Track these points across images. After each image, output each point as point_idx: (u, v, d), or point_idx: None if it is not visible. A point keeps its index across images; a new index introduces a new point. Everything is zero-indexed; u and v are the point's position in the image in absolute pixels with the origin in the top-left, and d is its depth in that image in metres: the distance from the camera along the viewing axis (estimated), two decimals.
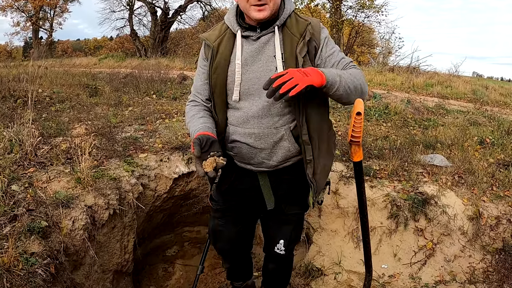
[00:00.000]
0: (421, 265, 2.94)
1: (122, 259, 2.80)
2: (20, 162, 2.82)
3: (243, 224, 2.23)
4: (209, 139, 1.65)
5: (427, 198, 3.15)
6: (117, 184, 2.81)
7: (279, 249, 2.17)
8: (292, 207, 2.08)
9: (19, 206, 2.26)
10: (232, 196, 2.09)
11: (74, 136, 3.72)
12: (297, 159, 1.89)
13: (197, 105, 1.92)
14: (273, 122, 1.79)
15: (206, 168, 1.57)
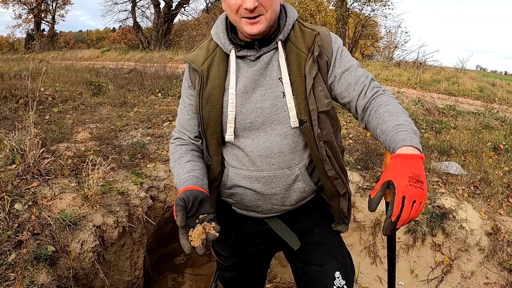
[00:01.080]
0: (438, 282, 2.84)
1: (132, 277, 2.69)
2: (22, 176, 2.69)
3: (262, 271, 2.00)
4: (198, 196, 1.29)
5: (445, 212, 3.04)
6: (125, 199, 2.69)
7: (340, 286, 1.54)
8: (324, 227, 1.66)
9: (23, 230, 2.13)
10: (243, 248, 1.73)
11: (78, 141, 3.60)
12: (313, 196, 1.63)
13: (184, 144, 1.55)
14: (285, 161, 1.46)
15: (194, 241, 1.19)
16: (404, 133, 1.25)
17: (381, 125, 1.35)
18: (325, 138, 1.44)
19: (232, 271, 1.88)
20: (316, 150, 1.44)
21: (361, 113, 1.46)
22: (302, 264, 1.66)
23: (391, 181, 1.12)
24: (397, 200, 1.09)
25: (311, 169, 1.54)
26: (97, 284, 2.29)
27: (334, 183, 1.52)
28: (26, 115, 4.13)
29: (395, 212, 1.10)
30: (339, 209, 1.59)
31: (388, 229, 1.12)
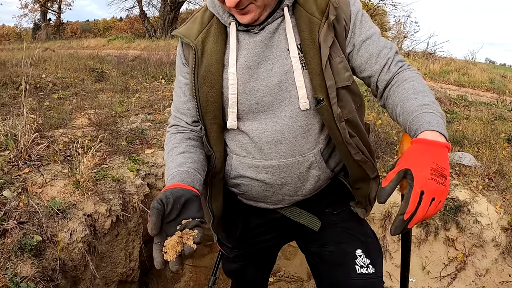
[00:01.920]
0: (451, 279, 2.65)
1: (127, 268, 2.53)
2: (14, 162, 2.53)
3: (270, 261, 1.81)
4: (181, 196, 1.05)
5: (459, 205, 2.84)
6: (120, 187, 2.52)
7: (364, 265, 1.32)
8: (337, 205, 1.44)
9: (9, 218, 1.97)
10: (250, 238, 1.54)
11: (76, 127, 3.44)
12: (328, 182, 1.42)
13: (180, 132, 1.32)
14: (298, 147, 1.24)
15: (168, 253, 0.95)
16: (429, 115, 1.06)
17: (403, 103, 1.14)
18: (346, 117, 1.21)
19: (238, 262, 1.70)
20: (337, 132, 1.21)
21: (382, 90, 1.25)
22: (317, 248, 1.44)
23: (409, 170, 0.93)
24: (414, 195, 0.91)
25: (328, 154, 1.32)
26: (87, 276, 2.13)
27: (363, 167, 1.30)
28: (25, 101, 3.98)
29: (410, 209, 0.91)
30: (367, 193, 1.37)
31: (398, 228, 0.94)
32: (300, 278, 3.00)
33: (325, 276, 1.42)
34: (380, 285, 1.35)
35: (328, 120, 1.20)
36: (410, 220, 0.92)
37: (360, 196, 1.40)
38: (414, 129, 1.05)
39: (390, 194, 0.96)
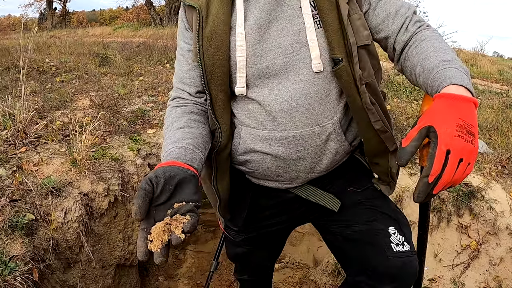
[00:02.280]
0: (464, 268, 2.51)
1: (126, 252, 2.41)
2: (11, 141, 2.41)
3: (279, 246, 1.66)
4: (174, 176, 0.90)
5: (473, 191, 2.70)
6: (119, 166, 2.39)
7: (399, 243, 1.21)
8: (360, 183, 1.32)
9: (2, 196, 1.85)
10: (259, 221, 1.41)
11: (77, 109, 3.32)
12: (345, 158, 1.29)
13: (181, 105, 1.19)
14: (315, 116, 1.11)
15: (153, 243, 0.82)
16: (452, 70, 0.95)
17: (423, 62, 1.02)
18: (366, 80, 1.09)
19: (244, 247, 1.55)
20: (358, 97, 1.09)
21: (399, 52, 1.13)
22: (341, 228, 1.30)
23: (432, 127, 0.83)
24: (440, 154, 0.80)
25: (346, 125, 1.20)
26: (83, 258, 2.01)
27: (382, 138, 1.16)
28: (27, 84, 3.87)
29: (435, 170, 0.81)
30: (387, 168, 1.24)
31: (422, 193, 0.83)
32: (306, 265, 2.87)
33: (355, 257, 1.28)
34: (416, 263, 1.23)
35: (347, 83, 1.08)
36: (435, 184, 0.82)
37: (380, 173, 1.28)
38: (436, 85, 0.95)
39: (411, 155, 0.85)
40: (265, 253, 1.63)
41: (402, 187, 2.61)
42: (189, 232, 0.83)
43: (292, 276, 2.79)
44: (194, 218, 0.84)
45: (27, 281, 1.52)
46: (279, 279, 2.78)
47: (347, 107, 1.17)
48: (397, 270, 1.19)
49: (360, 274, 1.26)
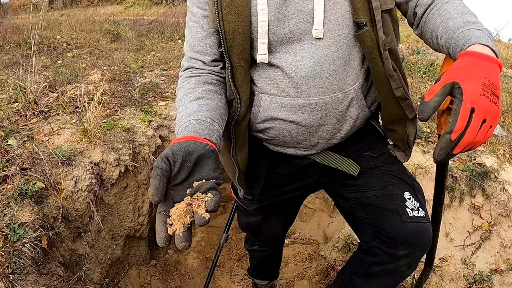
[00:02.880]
0: (475, 249, 2.44)
1: (136, 223, 2.38)
2: (22, 112, 2.36)
3: (292, 214, 1.61)
4: (193, 152, 0.81)
5: (486, 171, 2.61)
6: (130, 136, 2.33)
7: (414, 208, 1.19)
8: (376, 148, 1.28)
9: (12, 165, 1.81)
10: (274, 189, 1.36)
11: (89, 82, 3.26)
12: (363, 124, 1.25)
13: (195, 76, 1.09)
14: (338, 82, 1.07)
15: (173, 225, 0.73)
16: (477, 31, 0.92)
17: (446, 23, 0.98)
18: (389, 45, 1.05)
19: (257, 216, 1.51)
20: (380, 63, 1.04)
21: (421, 15, 1.08)
22: (355, 193, 1.27)
23: (457, 83, 0.79)
24: (464, 111, 0.77)
25: (367, 90, 1.15)
26: (93, 228, 1.98)
27: (402, 105, 1.12)
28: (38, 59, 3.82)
29: (459, 127, 0.77)
30: (405, 136, 1.20)
31: (444, 151, 0.80)
32: (315, 241, 2.82)
33: (369, 222, 1.25)
34: (430, 230, 1.21)
35: (370, 49, 1.03)
36: (457, 143, 0.79)
37: (396, 140, 1.24)
38: (460, 44, 0.91)
39: (434, 110, 0.81)
40: (277, 222, 1.59)
41: (415, 165, 2.53)
42: (213, 211, 0.74)
43: (302, 252, 2.75)
44: (216, 196, 0.76)
45: (35, 248, 1.49)
46: (289, 254, 2.74)
47: (367, 72, 1.13)
48: (412, 236, 1.16)
49: (374, 239, 1.24)
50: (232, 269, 2.75)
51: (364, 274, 1.32)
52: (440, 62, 4.66)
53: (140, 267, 2.51)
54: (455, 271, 2.28)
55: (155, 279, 2.54)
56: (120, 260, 2.28)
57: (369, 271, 1.30)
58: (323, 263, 2.50)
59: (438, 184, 1.37)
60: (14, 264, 1.40)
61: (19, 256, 1.42)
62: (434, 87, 0.82)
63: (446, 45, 0.98)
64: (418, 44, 6.71)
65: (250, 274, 2.06)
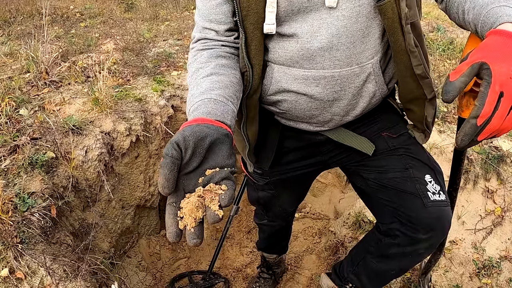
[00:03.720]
0: (486, 234, 2.37)
1: (146, 193, 2.35)
2: (34, 82, 2.31)
3: (303, 189, 1.56)
4: (206, 136, 0.73)
5: (502, 155, 2.50)
6: (142, 106, 2.27)
7: (435, 192, 1.14)
8: (395, 128, 1.22)
9: (23, 135, 1.77)
10: (285, 164, 1.30)
11: (101, 52, 3.18)
12: (380, 102, 1.17)
13: (207, 48, 1.01)
14: (355, 55, 0.99)
15: (185, 220, 0.66)
16: (509, 9, 0.83)
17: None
18: (411, 19, 0.96)
19: (267, 190, 1.46)
20: (401, 38, 0.96)
21: None
22: (374, 174, 1.22)
23: (486, 63, 0.71)
24: (492, 94, 0.69)
25: (385, 66, 1.07)
26: (103, 197, 1.95)
27: (421, 84, 1.04)
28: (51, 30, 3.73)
29: (486, 112, 0.70)
30: (422, 116, 1.13)
31: (467, 136, 0.73)
32: (326, 216, 2.77)
33: (389, 204, 1.20)
34: (451, 214, 1.18)
35: (392, 21, 0.95)
36: (482, 128, 0.72)
37: (414, 120, 1.18)
38: (490, 22, 0.84)
39: (459, 91, 0.73)
40: (287, 198, 1.53)
41: (430, 144, 2.44)
42: (227, 206, 0.67)
43: (312, 226, 2.71)
44: (231, 188, 0.68)
45: (44, 217, 1.46)
46: (299, 228, 2.70)
47: (387, 47, 1.04)
48: (433, 220, 1.13)
49: (393, 221, 1.21)
50: (241, 241, 2.73)
51: (380, 254, 1.30)
52: (460, 41, 4.46)
53: (150, 237, 2.50)
54: (465, 255, 2.22)
55: (164, 249, 2.54)
56: (130, 230, 2.27)
57: (386, 252, 1.27)
58: (332, 239, 2.46)
59: (454, 168, 1.31)
60: (23, 234, 1.38)
61: (27, 225, 1.40)
62: (461, 66, 0.74)
63: (474, 22, 0.90)
64: (438, 21, 6.45)
65: (259, 247, 2.03)
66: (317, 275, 2.31)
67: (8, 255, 1.31)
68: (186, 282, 2.30)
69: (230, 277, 2.40)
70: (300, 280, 2.34)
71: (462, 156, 1.28)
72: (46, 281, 1.28)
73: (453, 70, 0.76)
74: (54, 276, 1.30)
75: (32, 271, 1.30)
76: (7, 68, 2.62)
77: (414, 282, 2.02)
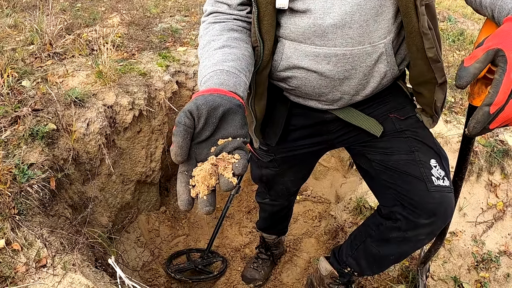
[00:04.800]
0: (486, 227, 2.33)
1: (147, 168, 2.30)
2: (37, 54, 2.24)
3: (308, 169, 1.52)
4: (219, 106, 0.71)
5: (508, 149, 2.45)
6: (146, 81, 2.20)
7: (440, 177, 1.12)
8: (403, 111, 1.20)
9: (24, 106, 1.71)
10: (291, 142, 1.27)
11: (107, 26, 3.09)
12: (390, 83, 1.15)
13: (219, 21, 0.98)
14: (368, 34, 0.96)
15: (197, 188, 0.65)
16: None
17: None
18: (426, 0, 0.93)
19: (272, 168, 1.43)
20: (415, 19, 0.94)
21: None
22: (379, 155, 1.19)
23: (502, 50, 0.69)
24: (507, 83, 0.67)
25: (397, 47, 1.04)
26: (104, 171, 1.91)
27: (432, 67, 1.01)
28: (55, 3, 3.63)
29: (499, 100, 0.68)
30: (432, 101, 1.09)
31: (479, 124, 0.71)
32: (327, 200, 2.74)
33: (392, 187, 1.18)
34: (454, 201, 1.15)
35: (406, 1, 0.93)
36: (495, 117, 0.70)
37: (423, 105, 1.15)
38: (508, 8, 0.82)
39: (474, 77, 0.71)
40: (291, 177, 1.50)
41: (436, 134, 2.38)
42: (240, 175, 0.65)
43: (312, 210, 2.68)
44: (244, 157, 0.67)
45: (43, 189, 1.42)
46: (299, 211, 2.67)
47: (400, 28, 1.01)
48: (436, 205, 1.10)
49: (395, 204, 1.18)
50: (241, 221, 2.70)
51: (381, 238, 1.28)
52: (471, 32, 4.35)
53: (150, 213, 2.47)
54: (464, 247, 2.19)
55: (163, 225, 2.51)
56: (130, 205, 2.23)
57: (387, 236, 1.25)
58: (332, 223, 2.43)
59: (461, 157, 1.26)
60: (21, 205, 1.34)
61: (26, 197, 1.36)
62: (476, 51, 0.71)
63: (491, 7, 0.87)
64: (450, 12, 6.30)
65: (259, 227, 2.01)
66: (316, 258, 2.29)
67: (5, 226, 1.27)
68: (184, 259, 2.28)
69: (228, 257, 2.38)
70: (298, 263, 2.32)
71: (470, 145, 1.23)
72: (43, 253, 1.25)
73: (469, 55, 0.73)
74: (50, 248, 1.26)
75: (28, 243, 1.27)
76: (11, 39, 2.55)
77: (412, 271, 1.99)
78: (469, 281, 2.10)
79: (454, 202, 1.22)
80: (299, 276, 2.24)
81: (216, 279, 2.20)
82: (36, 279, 1.18)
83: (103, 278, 1.29)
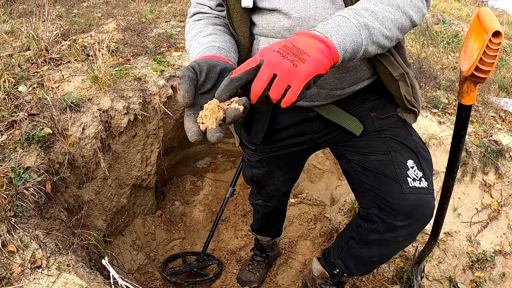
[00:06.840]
0: (481, 227, 2.36)
1: (143, 172, 2.33)
2: (34, 60, 2.28)
3: (297, 169, 1.56)
4: (216, 65, 0.83)
5: (501, 149, 2.48)
6: (141, 85, 2.24)
7: (416, 178, 1.12)
8: (383, 109, 1.21)
9: (21, 111, 1.75)
10: (277, 141, 1.31)
11: (103, 32, 3.14)
12: (371, 81, 1.18)
13: (203, 18, 1.09)
14: None
15: (205, 123, 0.73)
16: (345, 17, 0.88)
17: None
18: None
19: (260, 168, 1.47)
20: None
21: None
22: (359, 156, 1.21)
23: None
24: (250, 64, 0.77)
25: None
26: (99, 175, 1.94)
27: (383, 62, 1.05)
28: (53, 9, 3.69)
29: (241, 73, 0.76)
30: (401, 95, 1.12)
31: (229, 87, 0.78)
32: (322, 203, 2.77)
33: (369, 188, 1.19)
34: (433, 203, 1.14)
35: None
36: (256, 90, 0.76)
37: (398, 100, 1.17)
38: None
39: None
40: (280, 177, 1.53)
41: (430, 134, 2.42)
42: (244, 106, 0.74)
43: (308, 212, 2.71)
44: (244, 98, 0.76)
45: (39, 192, 1.45)
46: (294, 213, 2.70)
47: None
48: (412, 207, 1.11)
49: (373, 206, 1.19)
50: (237, 224, 2.73)
51: (361, 240, 1.30)
52: (465, 34, 4.41)
53: (146, 216, 2.50)
54: (459, 247, 2.22)
55: (159, 229, 2.54)
56: (126, 209, 2.26)
57: (366, 238, 1.26)
58: (327, 225, 2.46)
59: (452, 156, 1.26)
60: (17, 207, 1.37)
61: (22, 199, 1.39)
62: None
63: None
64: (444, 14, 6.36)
65: (253, 229, 2.04)
66: (311, 260, 2.32)
67: (1, 228, 1.30)
68: (180, 263, 2.31)
69: (223, 259, 2.40)
70: (293, 265, 2.34)
71: (461, 144, 1.26)
72: (38, 254, 1.28)
73: None
74: (45, 249, 1.29)
75: (24, 245, 1.30)
76: (8, 45, 2.59)
77: (407, 271, 2.02)
78: (465, 281, 2.12)
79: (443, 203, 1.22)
80: (294, 278, 2.27)
81: (211, 281, 2.23)
82: (31, 279, 1.21)
83: (97, 278, 1.32)
